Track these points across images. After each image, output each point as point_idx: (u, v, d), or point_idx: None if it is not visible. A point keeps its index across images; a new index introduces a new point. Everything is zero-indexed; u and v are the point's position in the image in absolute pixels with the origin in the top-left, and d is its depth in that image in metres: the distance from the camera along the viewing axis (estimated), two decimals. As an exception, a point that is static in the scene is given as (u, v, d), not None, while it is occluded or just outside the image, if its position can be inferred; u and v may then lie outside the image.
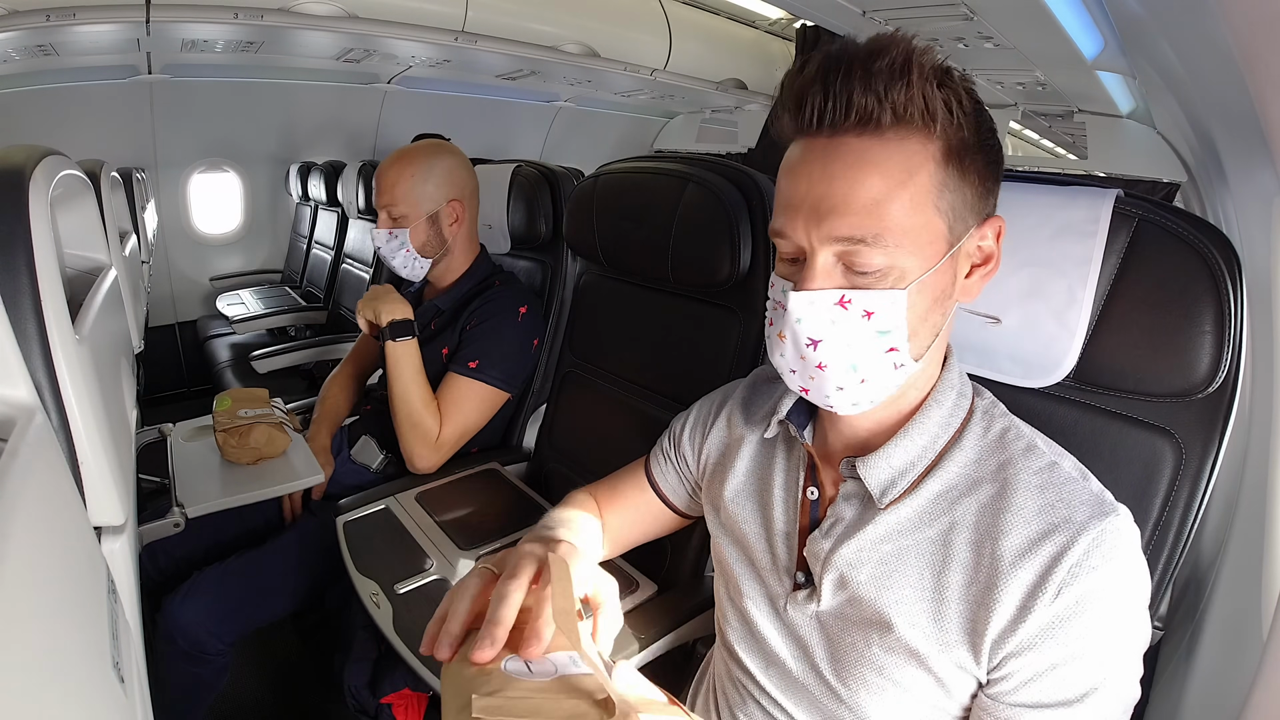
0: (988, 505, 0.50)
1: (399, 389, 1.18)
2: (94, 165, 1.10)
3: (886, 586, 0.52)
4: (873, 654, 0.53)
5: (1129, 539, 0.47)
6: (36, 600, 0.35)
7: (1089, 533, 0.45)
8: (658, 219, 1.09)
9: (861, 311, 0.46)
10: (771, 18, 3.19)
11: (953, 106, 0.44)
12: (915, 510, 0.52)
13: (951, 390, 0.54)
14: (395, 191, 1.24)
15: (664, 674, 0.81)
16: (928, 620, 0.50)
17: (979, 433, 0.53)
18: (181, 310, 3.32)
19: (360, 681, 0.93)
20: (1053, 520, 0.47)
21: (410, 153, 1.26)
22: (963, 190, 0.46)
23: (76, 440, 0.57)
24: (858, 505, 0.55)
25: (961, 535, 0.50)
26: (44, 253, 0.56)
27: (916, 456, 0.53)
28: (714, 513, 0.69)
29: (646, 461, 0.79)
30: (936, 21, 1.17)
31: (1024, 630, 0.46)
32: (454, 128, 3.53)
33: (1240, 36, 0.53)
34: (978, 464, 0.52)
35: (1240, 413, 0.59)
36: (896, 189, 0.44)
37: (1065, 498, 0.48)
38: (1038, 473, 0.49)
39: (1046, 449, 0.51)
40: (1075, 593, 0.45)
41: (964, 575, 0.49)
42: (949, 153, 0.45)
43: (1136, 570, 0.47)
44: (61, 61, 2.14)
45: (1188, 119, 1.11)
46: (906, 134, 0.44)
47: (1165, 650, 0.84)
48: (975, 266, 0.51)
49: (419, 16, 2.25)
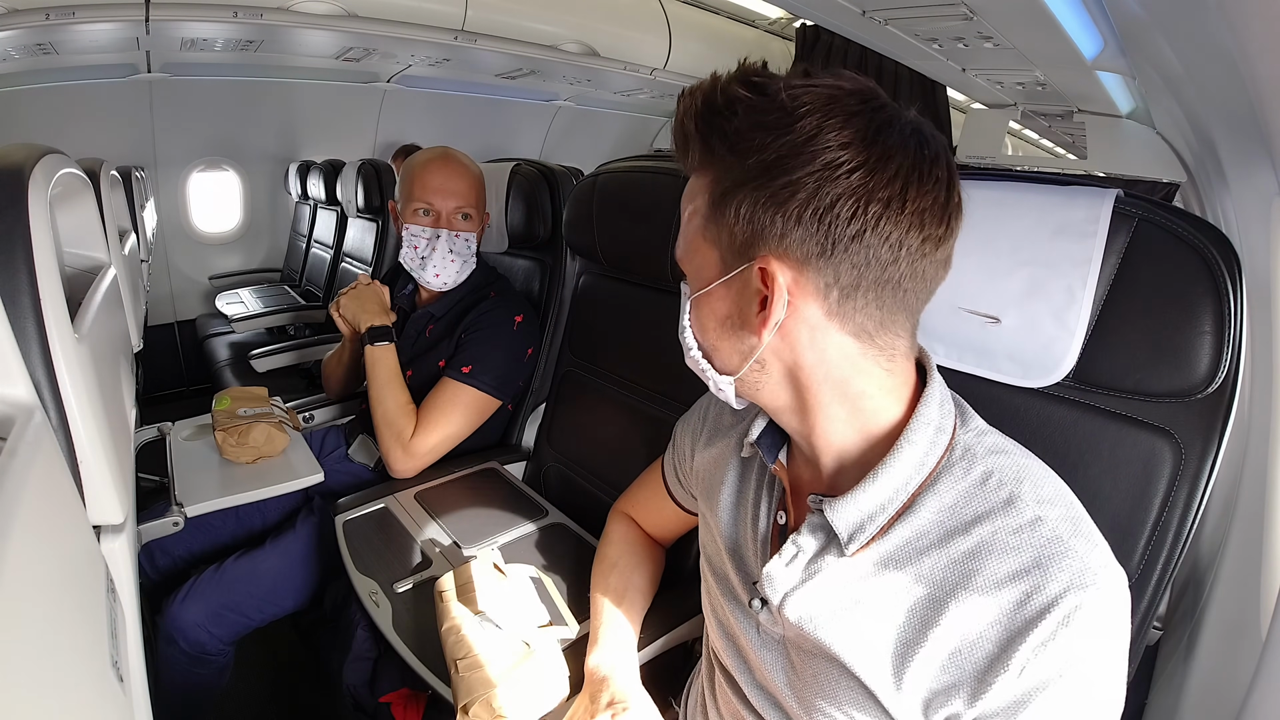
0: (958, 563, 0.46)
1: (374, 393, 1.19)
2: (93, 164, 1.10)
3: (846, 632, 0.50)
4: (831, 689, 0.52)
5: (1109, 613, 0.43)
6: (35, 599, 0.35)
7: (1061, 607, 0.42)
8: (657, 218, 1.09)
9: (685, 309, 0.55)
10: (771, 17, 3.19)
11: (722, 155, 0.48)
12: (881, 556, 0.49)
13: (928, 426, 0.50)
14: (471, 195, 1.25)
15: (663, 674, 0.81)
16: (888, 673, 0.48)
17: (958, 474, 0.49)
18: (181, 309, 3.32)
19: (359, 680, 0.93)
20: (1025, 589, 0.43)
21: (466, 159, 1.28)
22: (722, 224, 0.48)
23: (75, 439, 0.57)
24: (822, 540, 0.53)
25: (929, 591, 0.47)
26: (43, 251, 0.56)
27: (887, 500, 0.49)
28: (701, 520, 0.71)
29: (662, 469, 0.84)
30: (936, 21, 1.17)
31: (984, 704, 0.44)
32: (453, 126, 3.56)
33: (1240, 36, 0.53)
34: (953, 511, 0.48)
35: (1239, 413, 0.59)
36: (685, 214, 0.53)
37: (1042, 563, 0.44)
38: (1015, 532, 0.45)
39: (1032, 499, 0.46)
40: (1040, 671, 0.42)
41: (928, 635, 0.47)
42: (714, 188, 0.49)
43: (1113, 649, 0.44)
44: (61, 60, 2.14)
45: (1188, 119, 1.11)
46: (701, 170, 0.50)
47: (1165, 650, 0.84)
48: (760, 307, 0.48)
49: (419, 16, 2.25)
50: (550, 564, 0.97)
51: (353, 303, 1.28)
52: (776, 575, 0.54)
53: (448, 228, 1.24)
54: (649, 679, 0.71)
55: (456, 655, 0.72)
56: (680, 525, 0.87)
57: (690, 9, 3.02)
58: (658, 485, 0.84)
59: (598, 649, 0.73)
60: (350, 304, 1.28)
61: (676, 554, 0.98)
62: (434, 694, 0.76)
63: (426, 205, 1.23)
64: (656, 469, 0.85)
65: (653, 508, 0.87)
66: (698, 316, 0.53)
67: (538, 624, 0.80)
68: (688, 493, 0.79)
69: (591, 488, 1.21)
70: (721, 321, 0.51)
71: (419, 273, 1.26)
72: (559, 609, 0.84)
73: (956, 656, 0.45)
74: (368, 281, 1.33)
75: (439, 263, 1.24)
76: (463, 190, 1.24)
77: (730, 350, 0.52)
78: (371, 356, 1.21)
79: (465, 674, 0.70)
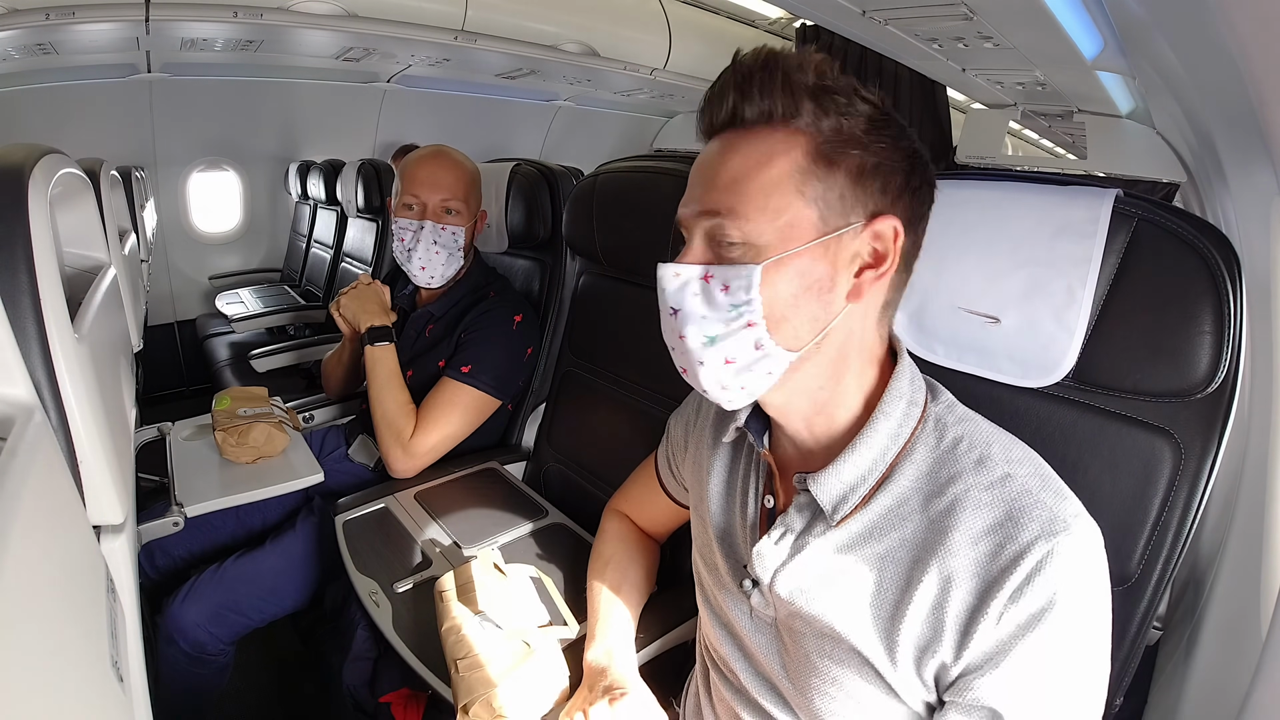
0: (935, 522, 0.49)
1: (374, 393, 1.19)
2: (93, 164, 1.09)
3: (836, 601, 0.52)
4: (825, 665, 0.53)
5: (1082, 558, 0.45)
6: (35, 599, 0.35)
7: (1033, 554, 0.44)
8: (657, 218, 1.09)
9: (720, 285, 0.49)
10: (771, 17, 3.19)
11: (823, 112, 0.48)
12: (865, 525, 0.52)
13: (900, 399, 0.53)
14: (458, 188, 1.24)
15: (663, 674, 0.81)
16: (879, 636, 0.50)
17: (931, 444, 0.52)
18: (181, 309, 3.32)
19: (359, 680, 0.93)
20: (998, 540, 0.46)
21: (459, 155, 1.28)
22: (832, 182, 0.48)
23: (75, 439, 0.57)
24: (808, 517, 0.55)
25: (911, 553, 0.50)
26: (43, 251, 0.56)
27: (867, 470, 0.52)
28: (693, 512, 0.72)
29: (655, 462, 0.85)
30: (935, 21, 1.17)
31: (969, 654, 0.46)
32: (453, 126, 3.56)
33: (1240, 36, 0.53)
34: (929, 477, 0.51)
35: (1239, 413, 0.59)
36: (754, 170, 0.48)
37: (1014, 515, 0.46)
38: (988, 488, 0.48)
39: (1002, 459, 0.49)
40: (1018, 616, 0.44)
41: (913, 594, 0.49)
42: (817, 147, 0.48)
43: (1089, 593, 0.46)
44: (61, 60, 2.14)
45: (1187, 119, 1.11)
46: (771, 129, 0.49)
47: (1164, 650, 0.84)
48: (866, 266, 0.50)
49: (419, 16, 2.25)
50: (550, 564, 0.97)
51: (353, 303, 1.28)
52: (766, 553, 0.56)
53: (433, 219, 1.23)
54: (648, 679, 0.71)
55: (456, 655, 0.72)
56: (674, 519, 0.88)
57: (690, 9, 3.02)
58: (651, 479, 0.85)
59: (595, 644, 0.74)
60: (350, 304, 1.28)
61: (676, 554, 0.98)
62: (434, 694, 0.76)
63: (412, 198, 1.24)
64: (649, 464, 0.86)
65: (646, 502, 0.88)
66: (772, 283, 0.48)
67: (538, 624, 0.80)
68: (680, 484, 0.80)
69: (591, 488, 1.21)
70: (809, 287, 0.49)
71: (406, 266, 1.27)
72: (559, 609, 0.84)
73: (939, 610, 0.48)
74: (368, 281, 1.33)
75: (423, 255, 1.24)
76: (448, 183, 1.24)
77: (805, 320, 0.50)
78: (371, 357, 1.21)
79: (465, 674, 0.70)
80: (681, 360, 0.53)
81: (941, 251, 0.67)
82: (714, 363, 0.51)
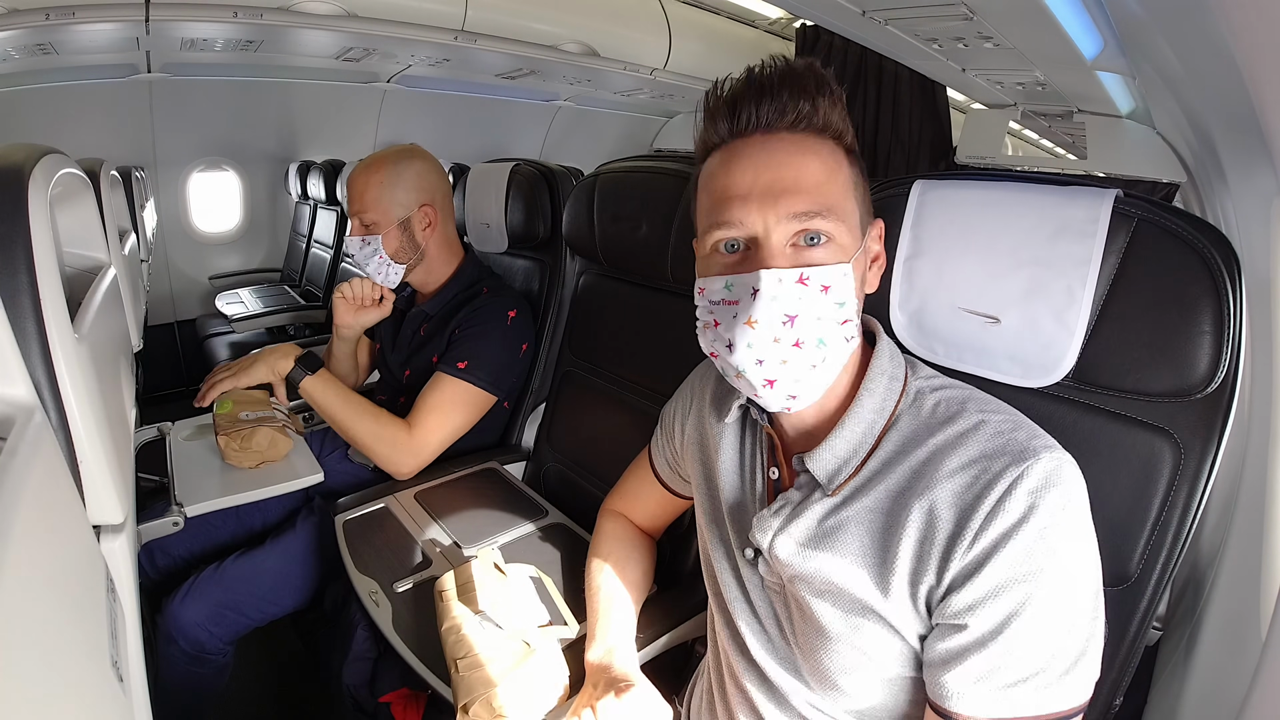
0: (918, 469, 0.53)
1: (339, 423, 1.15)
2: (93, 164, 1.09)
3: (831, 555, 0.55)
4: (830, 622, 0.55)
5: (1053, 480, 0.48)
6: (35, 598, 0.35)
7: (1005, 479, 0.48)
8: (657, 218, 1.09)
9: (819, 286, 0.51)
10: (771, 17, 3.19)
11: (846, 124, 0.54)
12: (856, 486, 0.56)
13: (882, 375, 0.57)
14: (365, 198, 1.22)
15: (663, 674, 0.81)
16: (874, 579, 0.53)
17: (914, 412, 0.56)
18: (181, 309, 3.32)
19: (359, 680, 0.94)
20: (974, 473, 0.50)
21: (378, 159, 1.24)
22: (863, 189, 0.56)
23: (75, 439, 0.57)
24: (806, 490, 0.59)
25: (895, 500, 0.53)
26: (43, 251, 0.56)
27: (858, 443, 0.56)
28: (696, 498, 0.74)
29: (650, 457, 0.86)
30: (935, 21, 1.17)
31: (949, 575, 0.49)
32: (453, 126, 3.56)
33: (1240, 36, 0.53)
34: (914, 439, 0.55)
35: (1239, 413, 0.59)
36: (833, 173, 0.52)
37: (988, 452, 0.50)
38: (963, 434, 0.52)
39: (977, 410, 0.54)
40: (991, 534, 0.47)
41: (900, 533, 0.52)
42: (852, 157, 0.55)
43: (1063, 514, 0.47)
44: (61, 60, 2.14)
45: (1187, 119, 1.11)
46: (825, 136, 0.53)
47: (1164, 650, 0.84)
48: (872, 261, 0.59)
49: (419, 16, 2.25)
50: (550, 564, 0.97)
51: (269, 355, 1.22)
52: (766, 519, 0.59)
53: (357, 234, 1.24)
54: (650, 678, 0.71)
55: (456, 655, 0.72)
56: (671, 511, 0.89)
57: (690, 9, 3.02)
58: (645, 474, 0.86)
59: (595, 643, 0.74)
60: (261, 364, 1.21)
61: (676, 554, 0.98)
62: (434, 694, 0.76)
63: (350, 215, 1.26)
64: (642, 460, 0.87)
65: (641, 497, 0.88)
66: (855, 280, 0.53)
67: (538, 624, 0.80)
68: (677, 474, 0.82)
69: (591, 488, 1.21)
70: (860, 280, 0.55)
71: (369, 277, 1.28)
72: (559, 609, 0.84)
73: (926, 542, 0.51)
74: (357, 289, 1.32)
75: (370, 266, 1.25)
76: (356, 194, 1.23)
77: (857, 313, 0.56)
78: (309, 396, 1.16)
79: (465, 673, 0.70)
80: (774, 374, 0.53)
81: (941, 251, 0.67)
82: (824, 368, 0.53)
